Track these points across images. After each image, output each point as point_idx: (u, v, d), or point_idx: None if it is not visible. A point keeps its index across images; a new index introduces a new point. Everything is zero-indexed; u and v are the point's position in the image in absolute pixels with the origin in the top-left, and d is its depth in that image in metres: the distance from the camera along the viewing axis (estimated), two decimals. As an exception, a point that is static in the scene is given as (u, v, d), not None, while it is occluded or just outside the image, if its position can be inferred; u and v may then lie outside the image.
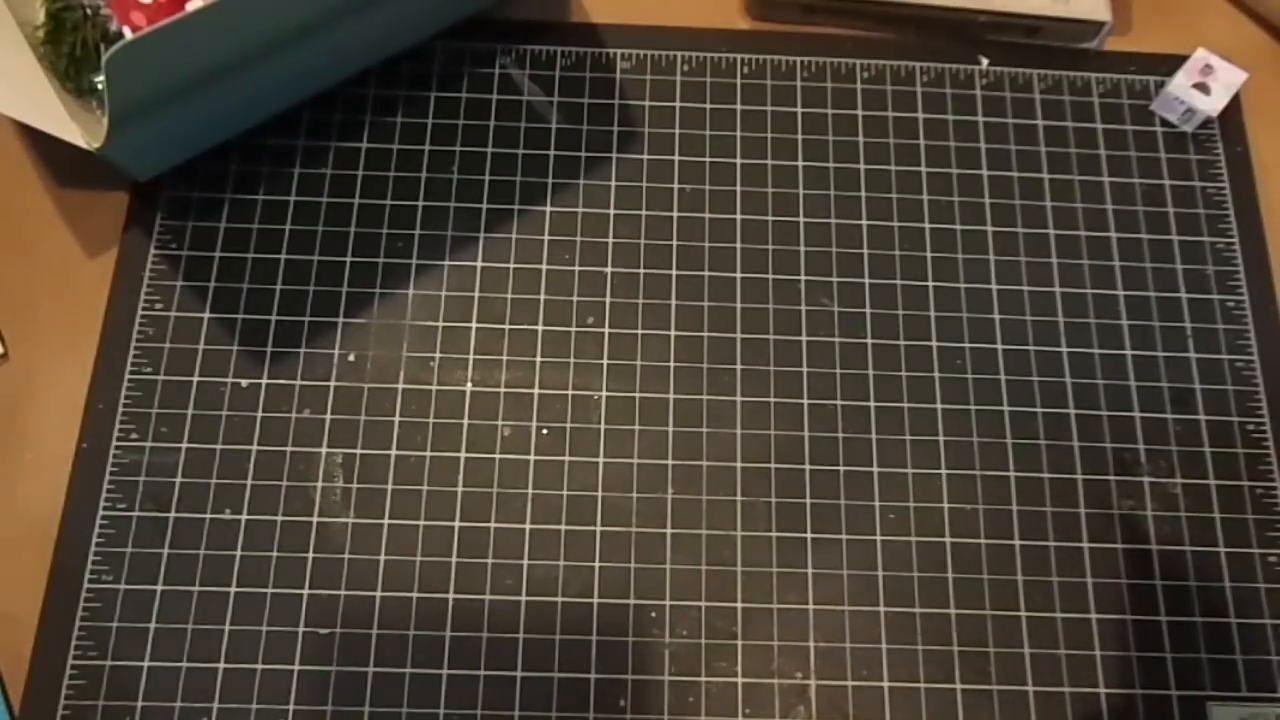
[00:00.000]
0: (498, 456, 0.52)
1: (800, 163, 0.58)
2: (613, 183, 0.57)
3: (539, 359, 0.54)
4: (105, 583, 0.49)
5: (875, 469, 0.52)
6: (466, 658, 0.48)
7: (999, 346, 0.55)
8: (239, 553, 0.49)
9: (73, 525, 0.50)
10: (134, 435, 0.51)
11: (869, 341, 0.54)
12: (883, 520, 0.51)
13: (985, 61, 0.61)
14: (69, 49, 0.53)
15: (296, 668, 0.48)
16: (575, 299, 0.55)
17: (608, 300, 0.55)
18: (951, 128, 0.59)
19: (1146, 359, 0.55)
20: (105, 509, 0.50)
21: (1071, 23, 0.60)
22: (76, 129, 0.50)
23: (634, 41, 0.61)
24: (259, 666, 0.48)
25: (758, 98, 0.60)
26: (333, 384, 0.53)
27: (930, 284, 0.56)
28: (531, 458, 0.52)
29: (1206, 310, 0.56)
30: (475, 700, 0.48)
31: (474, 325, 0.54)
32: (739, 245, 0.56)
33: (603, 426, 0.52)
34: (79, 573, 0.49)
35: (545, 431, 0.52)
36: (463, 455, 0.52)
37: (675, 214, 0.57)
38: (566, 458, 0.52)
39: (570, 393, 0.53)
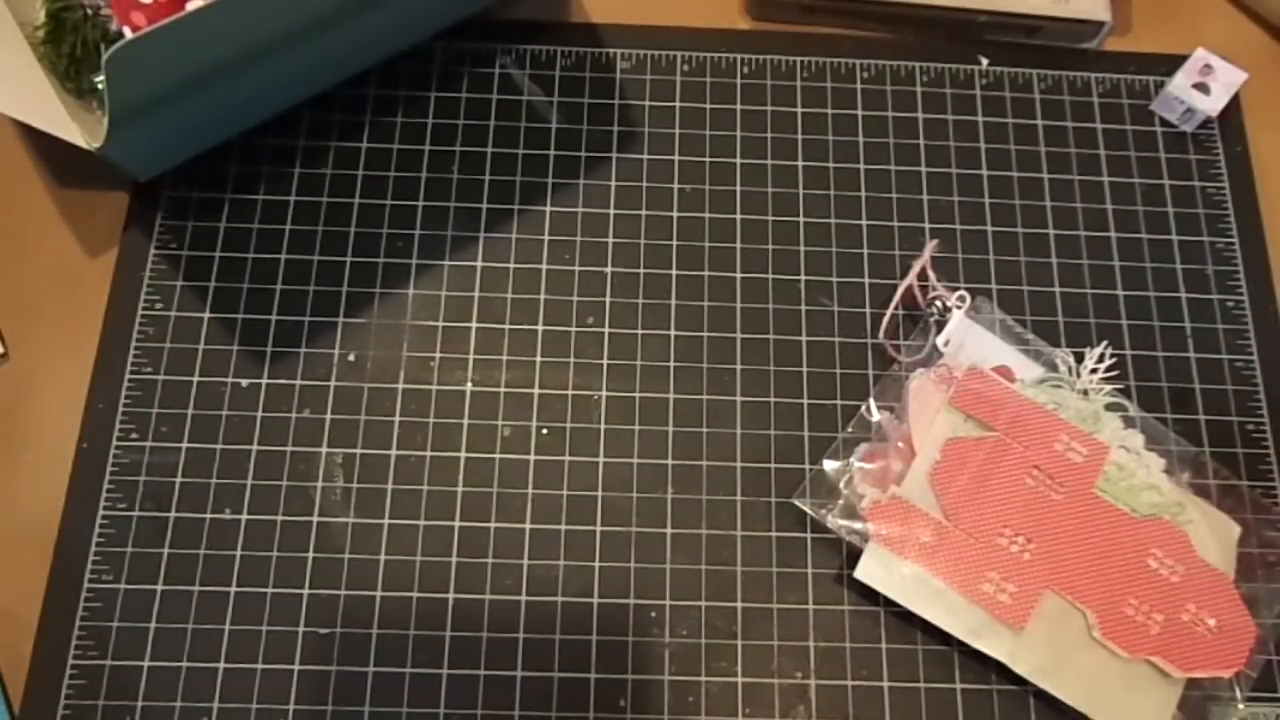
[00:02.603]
0: (498, 456, 0.52)
1: (800, 163, 0.58)
2: (613, 183, 0.57)
3: (539, 359, 0.54)
4: (105, 583, 0.49)
5: (875, 469, 0.52)
6: (466, 658, 0.48)
7: (999, 346, 0.55)
8: (239, 553, 0.49)
9: (73, 525, 0.50)
10: (134, 435, 0.51)
11: (868, 341, 0.54)
12: (883, 520, 0.51)
13: (985, 61, 0.61)
14: (69, 49, 0.53)
15: (296, 668, 0.48)
16: (575, 299, 0.55)
17: (608, 300, 0.55)
18: (951, 128, 0.60)
19: (1147, 359, 0.55)
20: (105, 509, 0.50)
21: (1071, 23, 0.60)
22: (76, 129, 0.50)
23: (634, 41, 0.61)
24: (259, 666, 0.48)
25: (758, 98, 0.60)
26: (333, 384, 0.53)
27: (930, 283, 0.56)
28: (531, 458, 0.52)
29: (1206, 310, 0.56)
30: (475, 700, 0.48)
31: (474, 325, 0.54)
32: (739, 245, 0.56)
33: (603, 426, 0.52)
34: (79, 572, 0.49)
35: (545, 431, 0.52)
36: (463, 455, 0.52)
37: (675, 214, 0.57)
38: (566, 458, 0.52)
39: (570, 393, 0.53)
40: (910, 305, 0.55)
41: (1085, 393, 0.52)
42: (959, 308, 0.54)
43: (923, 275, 0.54)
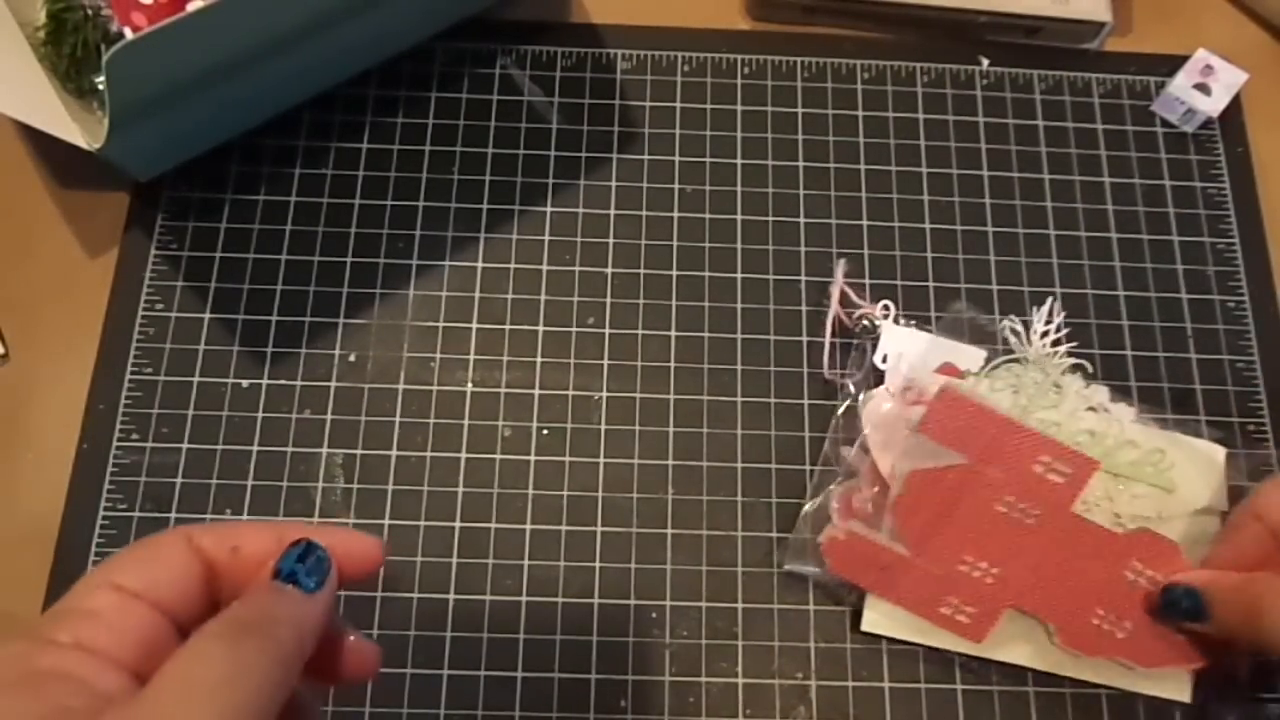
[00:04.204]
0: (498, 457, 0.52)
1: (800, 163, 0.58)
2: (613, 183, 0.57)
3: (539, 359, 0.54)
4: (106, 583, 0.49)
5: (876, 469, 0.52)
6: (466, 658, 0.48)
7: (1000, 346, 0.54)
8: (239, 553, 0.49)
9: (73, 525, 0.50)
10: (134, 436, 0.51)
11: (867, 342, 0.54)
12: (883, 521, 0.51)
13: (985, 62, 0.61)
14: (69, 49, 0.53)
15: (297, 668, 0.48)
16: (576, 299, 0.55)
17: (608, 301, 0.55)
18: (952, 128, 0.59)
19: (1147, 359, 0.55)
20: (106, 509, 0.50)
21: (1072, 23, 0.60)
22: (77, 129, 0.50)
23: (634, 41, 0.61)
24: (259, 667, 0.48)
25: (758, 98, 0.60)
26: (333, 384, 0.53)
27: (931, 284, 0.56)
28: (532, 458, 0.52)
29: (1207, 311, 0.56)
30: (475, 700, 0.48)
31: (474, 326, 0.54)
32: (739, 246, 0.56)
33: (603, 427, 0.52)
34: (79, 573, 0.48)
35: (545, 432, 0.52)
36: (463, 456, 0.52)
37: (676, 214, 0.57)
38: (567, 458, 0.52)
39: (571, 393, 0.53)
40: (844, 334, 0.54)
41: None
42: (885, 318, 0.53)
43: (845, 300, 0.53)
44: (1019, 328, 0.52)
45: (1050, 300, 0.53)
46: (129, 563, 0.27)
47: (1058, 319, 0.52)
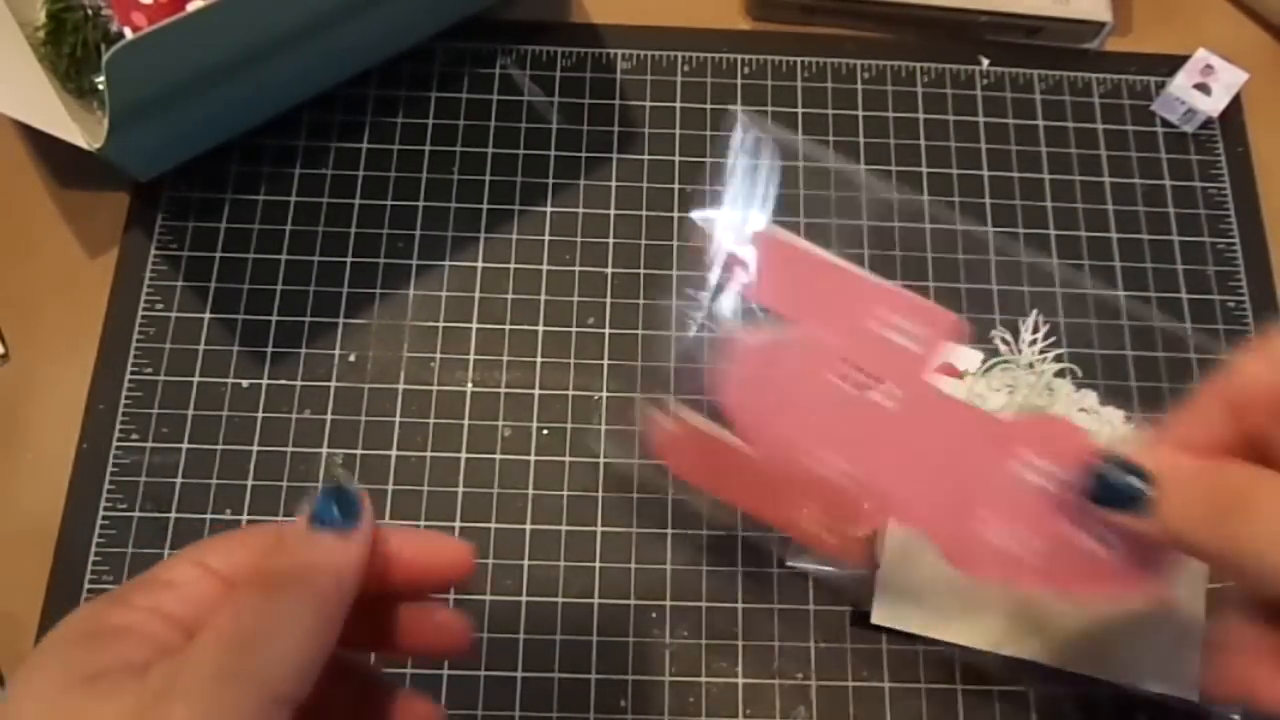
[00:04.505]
0: (498, 457, 0.52)
1: (801, 163, 0.58)
2: (613, 183, 0.57)
3: (539, 359, 0.54)
4: (105, 583, 0.49)
5: (876, 469, 0.52)
6: (467, 658, 0.48)
7: (999, 347, 0.55)
8: (239, 553, 0.49)
9: (73, 525, 0.50)
10: (134, 436, 0.51)
11: (869, 342, 0.54)
12: (883, 521, 0.51)
13: (986, 62, 0.61)
14: (69, 49, 0.53)
15: (297, 668, 0.48)
16: (576, 299, 0.55)
17: (608, 301, 0.55)
18: (952, 128, 0.59)
19: (1148, 359, 0.55)
20: (106, 509, 0.50)
21: (1072, 23, 0.60)
22: (77, 129, 0.50)
23: (634, 41, 0.61)
24: (259, 667, 0.48)
25: (758, 98, 0.60)
26: (333, 384, 0.53)
27: (931, 284, 0.56)
28: (532, 458, 0.52)
29: (1207, 311, 0.56)
30: (475, 700, 0.48)
31: (474, 326, 0.54)
32: (739, 245, 0.56)
33: (603, 427, 0.52)
34: (79, 573, 0.49)
35: (545, 432, 0.52)
36: (463, 456, 0.52)
37: (675, 214, 0.57)
38: (567, 458, 0.52)
39: (571, 393, 0.53)
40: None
41: (1031, 365, 0.52)
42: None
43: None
44: (1008, 336, 0.52)
45: (1035, 311, 0.53)
46: (215, 545, 0.28)
47: (1044, 328, 0.53)
